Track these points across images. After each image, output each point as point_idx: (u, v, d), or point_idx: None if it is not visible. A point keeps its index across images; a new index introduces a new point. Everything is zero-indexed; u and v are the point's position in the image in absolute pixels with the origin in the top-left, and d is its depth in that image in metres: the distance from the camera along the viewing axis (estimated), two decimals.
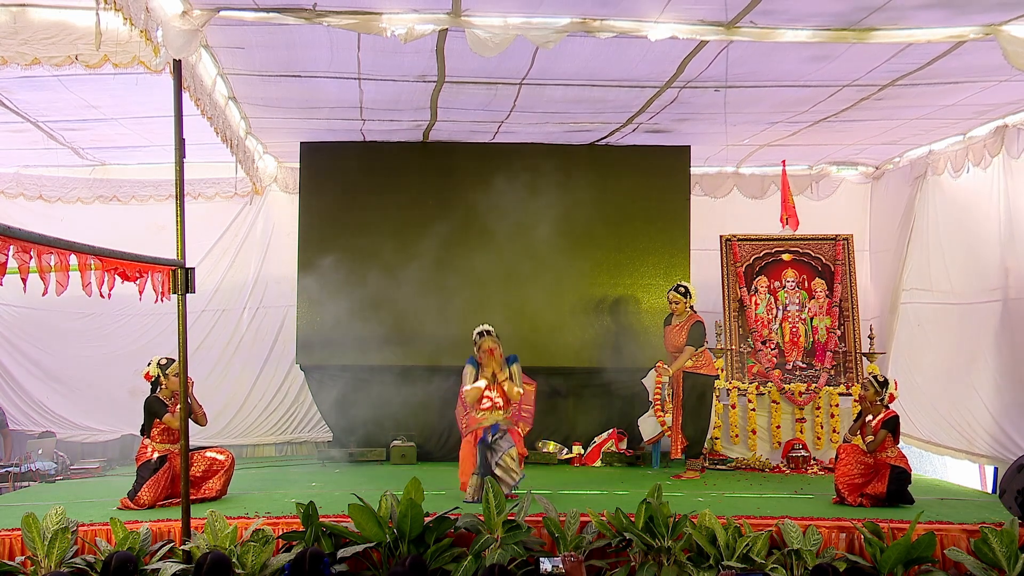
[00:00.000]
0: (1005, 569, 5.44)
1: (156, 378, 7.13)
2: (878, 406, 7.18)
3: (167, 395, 7.06)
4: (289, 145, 9.60)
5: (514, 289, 9.45)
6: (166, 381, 7.05)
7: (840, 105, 7.92)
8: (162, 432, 7.01)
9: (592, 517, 5.94)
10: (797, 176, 10.40)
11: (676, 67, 6.96)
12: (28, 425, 9.84)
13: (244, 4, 5.57)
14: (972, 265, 8.67)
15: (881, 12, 5.62)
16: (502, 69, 7.02)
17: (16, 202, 9.88)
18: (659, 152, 9.64)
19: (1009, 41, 5.77)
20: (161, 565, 5.43)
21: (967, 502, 7.33)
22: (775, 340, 9.55)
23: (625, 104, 8.15)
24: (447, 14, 5.66)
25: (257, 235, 10.31)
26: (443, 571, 5.63)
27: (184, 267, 5.52)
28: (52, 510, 5.72)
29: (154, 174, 9.96)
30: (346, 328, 9.36)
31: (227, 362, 10.15)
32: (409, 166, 9.64)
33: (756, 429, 9.16)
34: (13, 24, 5.56)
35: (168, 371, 7.04)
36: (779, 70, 7.01)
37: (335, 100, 7.97)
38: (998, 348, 8.24)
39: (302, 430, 10.31)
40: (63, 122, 8.33)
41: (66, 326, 9.92)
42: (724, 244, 9.74)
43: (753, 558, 5.56)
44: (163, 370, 7.08)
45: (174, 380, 6.96)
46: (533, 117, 8.59)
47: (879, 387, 7.20)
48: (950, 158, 9.02)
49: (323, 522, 5.77)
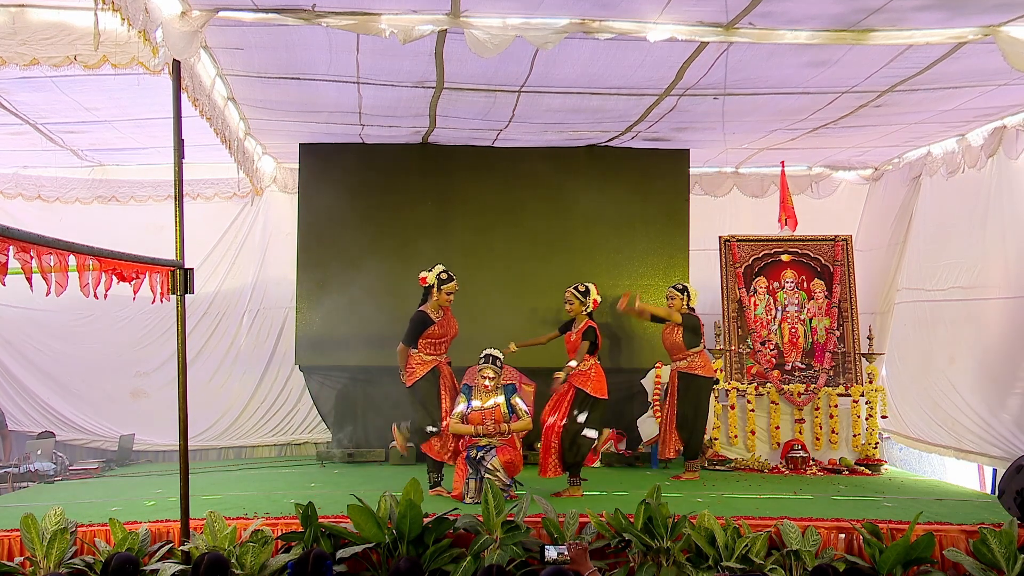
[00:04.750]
0: (1004, 570, 5.45)
1: (429, 287, 7.32)
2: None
3: (435, 307, 7.34)
4: (288, 146, 9.60)
5: (514, 289, 9.46)
6: (438, 295, 7.29)
7: (839, 112, 7.92)
8: (428, 344, 7.33)
9: (591, 518, 5.94)
10: (797, 176, 10.41)
11: (675, 73, 6.96)
12: (28, 425, 9.84)
13: (243, 4, 5.57)
14: (968, 264, 8.69)
15: (880, 14, 5.62)
16: (501, 75, 7.02)
17: (15, 202, 9.89)
18: (658, 154, 9.65)
19: (1008, 42, 5.77)
20: (160, 565, 5.42)
21: (966, 503, 7.33)
22: (774, 341, 9.55)
23: (624, 113, 8.16)
24: (446, 15, 5.66)
25: (256, 236, 10.33)
26: (442, 571, 5.62)
27: (183, 268, 5.52)
28: (51, 511, 5.71)
29: (153, 174, 9.97)
30: (345, 329, 9.37)
31: (229, 366, 10.16)
32: (408, 168, 9.64)
33: (755, 430, 9.16)
34: (12, 24, 5.56)
35: (444, 287, 7.30)
36: (778, 76, 7.01)
37: (334, 104, 7.97)
38: (995, 347, 8.26)
39: (303, 431, 10.32)
40: (62, 124, 8.33)
41: (66, 326, 9.92)
42: (723, 245, 9.74)
43: (752, 559, 5.56)
44: (440, 283, 7.29)
45: (446, 297, 7.34)
46: (532, 127, 8.60)
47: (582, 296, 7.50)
48: (947, 159, 9.05)
49: (322, 523, 5.76)
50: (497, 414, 7.14)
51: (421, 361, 7.44)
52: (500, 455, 7.05)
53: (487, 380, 7.16)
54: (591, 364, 7.53)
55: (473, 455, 7.07)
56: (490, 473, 6.93)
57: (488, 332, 8.25)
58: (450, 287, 7.41)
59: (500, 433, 7.15)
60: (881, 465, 9.11)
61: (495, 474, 6.94)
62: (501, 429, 7.14)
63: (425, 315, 7.41)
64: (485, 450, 7.08)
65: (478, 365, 7.25)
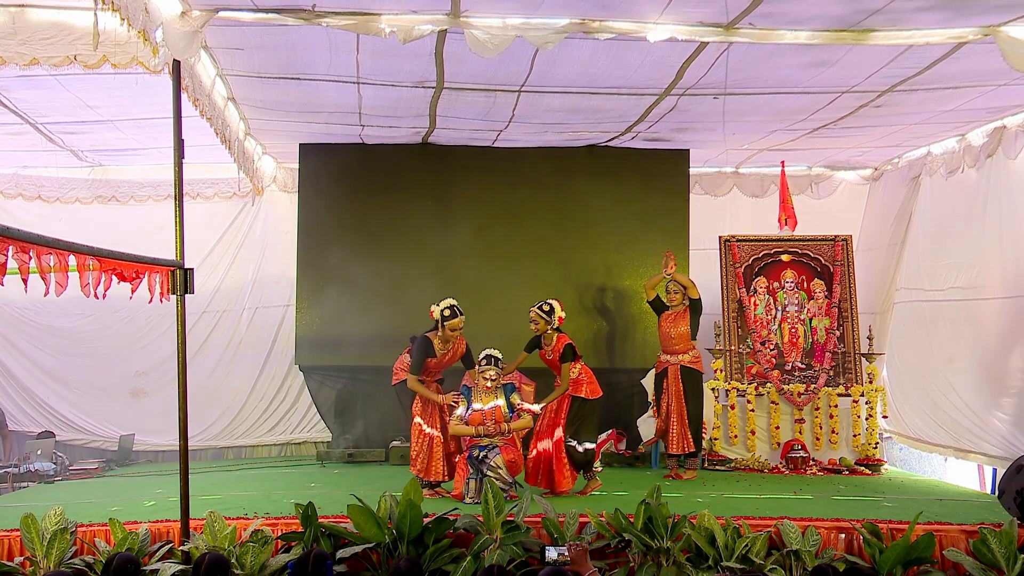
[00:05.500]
0: (1004, 570, 5.44)
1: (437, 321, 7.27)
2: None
3: (441, 339, 7.31)
4: (288, 146, 9.60)
5: (514, 289, 9.44)
6: (442, 330, 7.26)
7: (839, 112, 7.92)
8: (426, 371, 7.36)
9: (591, 518, 5.94)
10: (797, 176, 10.41)
11: (675, 73, 6.96)
12: (28, 425, 9.84)
13: (243, 4, 5.57)
14: (967, 264, 8.69)
15: (880, 14, 5.62)
16: (501, 74, 7.02)
17: (15, 202, 9.90)
18: (658, 154, 9.65)
19: (1008, 42, 5.77)
20: (160, 566, 5.42)
21: (966, 503, 7.33)
22: (774, 341, 9.55)
23: (624, 113, 8.15)
24: (446, 15, 5.66)
25: (256, 234, 10.32)
26: (442, 571, 5.62)
27: (183, 268, 5.52)
28: (51, 511, 5.71)
29: (153, 174, 9.97)
30: (345, 329, 9.36)
31: (228, 363, 10.16)
32: (408, 168, 9.64)
33: (755, 430, 9.16)
34: (12, 24, 5.56)
35: (448, 323, 7.23)
36: (778, 76, 7.01)
37: (334, 105, 7.96)
38: (994, 347, 8.26)
39: (302, 431, 10.32)
40: (62, 123, 8.33)
41: (66, 326, 9.92)
42: (723, 245, 9.74)
43: (752, 559, 5.56)
44: (443, 319, 7.24)
45: (450, 333, 7.27)
46: (532, 127, 8.59)
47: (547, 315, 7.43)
48: (947, 159, 9.05)
49: (322, 523, 5.76)
50: (498, 414, 7.14)
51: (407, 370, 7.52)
52: (504, 454, 7.05)
53: (488, 381, 7.16)
54: (579, 369, 7.50)
55: (476, 455, 7.07)
56: (492, 472, 6.93)
57: (488, 332, 8.24)
58: (454, 323, 7.27)
59: (501, 433, 7.15)
60: (881, 465, 9.10)
61: (498, 472, 6.94)
62: (502, 429, 7.14)
63: (429, 344, 7.35)
64: (488, 449, 7.08)
65: (478, 366, 7.25)
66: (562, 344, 7.44)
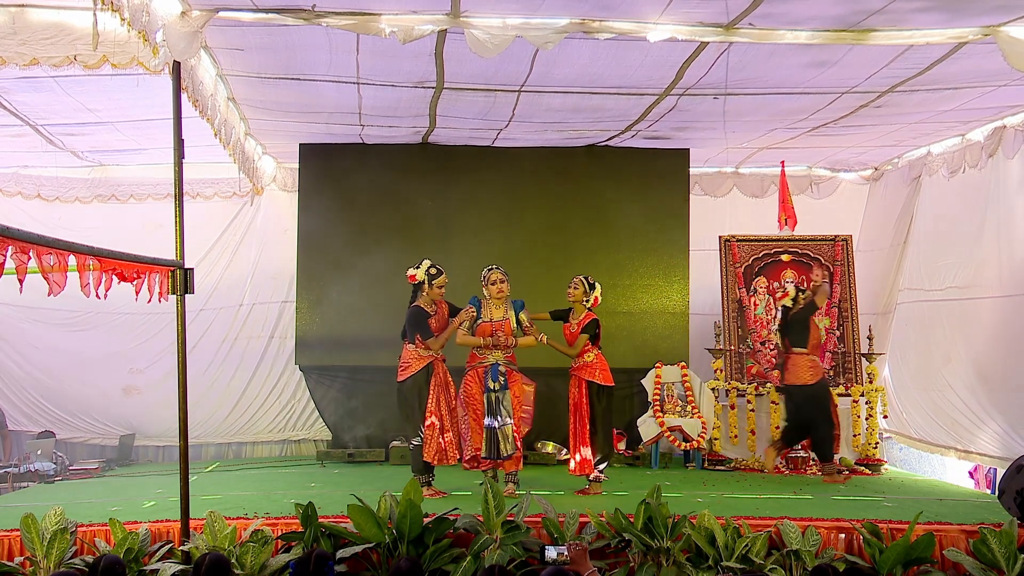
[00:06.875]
0: (1004, 570, 5.44)
1: (419, 283, 7.20)
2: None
3: (428, 302, 7.22)
4: (288, 146, 9.60)
5: (513, 289, 9.41)
6: (429, 290, 7.18)
7: (839, 112, 7.92)
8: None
9: (591, 518, 5.94)
10: (797, 176, 10.41)
11: (675, 73, 6.96)
12: (27, 425, 9.84)
13: (243, 4, 5.57)
14: (968, 264, 8.70)
15: (880, 15, 5.62)
16: (501, 74, 7.02)
17: (14, 201, 9.88)
18: (658, 154, 9.66)
19: (1008, 42, 5.78)
20: (160, 566, 5.42)
21: (966, 503, 7.33)
22: (774, 341, 9.54)
23: (624, 112, 8.15)
24: (446, 15, 5.67)
25: (255, 232, 10.32)
26: (442, 571, 5.62)
27: (183, 268, 5.51)
28: (51, 511, 5.70)
29: (153, 174, 9.96)
30: (345, 329, 9.36)
31: (223, 358, 10.15)
32: (408, 168, 9.64)
33: (755, 430, 9.16)
34: (12, 24, 5.56)
35: (435, 281, 7.17)
36: (778, 76, 7.01)
37: (334, 105, 7.97)
38: (994, 347, 8.26)
39: (300, 429, 10.31)
40: (62, 125, 8.33)
41: (64, 325, 9.91)
42: (723, 245, 9.74)
43: (752, 559, 5.56)
44: (431, 278, 7.17)
45: (437, 291, 7.21)
46: (532, 126, 8.60)
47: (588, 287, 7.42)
48: (947, 159, 9.05)
49: (322, 523, 5.76)
50: (507, 328, 7.22)
51: (417, 356, 7.27)
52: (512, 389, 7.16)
53: (496, 290, 7.24)
54: (595, 355, 7.51)
55: (492, 387, 7.13)
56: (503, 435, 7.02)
57: None
58: (440, 280, 7.29)
59: (508, 347, 7.20)
60: (881, 465, 9.11)
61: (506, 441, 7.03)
62: (509, 343, 7.20)
63: (420, 309, 7.29)
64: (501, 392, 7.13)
65: (484, 277, 7.31)
66: (588, 318, 7.49)
